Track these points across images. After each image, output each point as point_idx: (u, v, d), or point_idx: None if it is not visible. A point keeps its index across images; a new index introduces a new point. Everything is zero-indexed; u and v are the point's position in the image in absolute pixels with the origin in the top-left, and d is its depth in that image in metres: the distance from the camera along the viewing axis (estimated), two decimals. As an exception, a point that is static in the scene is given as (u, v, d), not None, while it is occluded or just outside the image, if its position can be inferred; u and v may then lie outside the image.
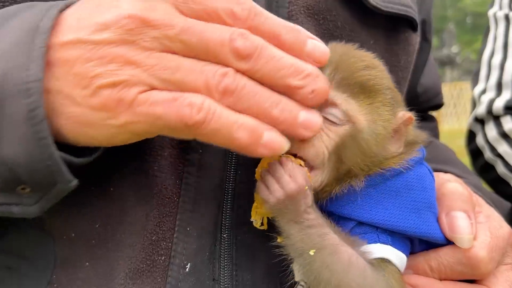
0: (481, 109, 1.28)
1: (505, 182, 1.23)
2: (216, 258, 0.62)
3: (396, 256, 0.60)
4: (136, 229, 0.60)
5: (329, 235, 0.57)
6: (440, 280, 0.65)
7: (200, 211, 0.62)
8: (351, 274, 0.56)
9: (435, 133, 1.09)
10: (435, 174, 0.72)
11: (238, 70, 0.48)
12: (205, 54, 0.48)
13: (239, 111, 0.49)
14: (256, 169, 0.60)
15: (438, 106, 1.09)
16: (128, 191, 0.60)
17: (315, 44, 0.52)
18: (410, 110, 0.85)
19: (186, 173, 0.62)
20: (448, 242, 0.64)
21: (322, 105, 0.56)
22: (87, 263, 0.60)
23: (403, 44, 0.82)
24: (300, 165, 0.58)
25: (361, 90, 0.59)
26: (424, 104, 1.04)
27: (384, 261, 0.59)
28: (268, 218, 0.61)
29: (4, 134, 0.49)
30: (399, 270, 0.60)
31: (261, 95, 0.49)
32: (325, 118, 0.58)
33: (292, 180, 0.56)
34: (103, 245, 0.60)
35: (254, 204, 0.60)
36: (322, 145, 0.58)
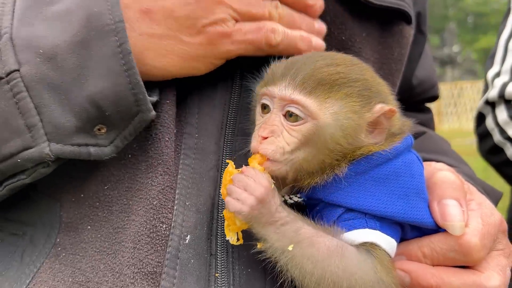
0: (493, 92, 1.26)
1: None
2: (213, 235, 0.64)
3: (385, 241, 0.61)
4: (141, 194, 0.62)
5: (303, 229, 0.59)
6: (433, 266, 0.65)
7: (197, 189, 0.65)
8: (332, 262, 0.58)
9: (430, 124, 1.09)
10: (427, 163, 0.72)
11: None
12: None
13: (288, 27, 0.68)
14: (221, 190, 0.62)
15: (434, 98, 1.09)
16: (142, 160, 0.64)
17: None
18: (405, 102, 0.85)
19: (184, 154, 0.66)
20: (439, 227, 0.65)
21: (284, 103, 0.60)
22: (89, 226, 0.63)
23: (397, 36, 0.83)
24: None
25: (322, 85, 0.60)
26: (419, 96, 1.04)
27: (372, 246, 0.60)
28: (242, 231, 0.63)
29: (90, 72, 0.57)
30: (388, 254, 0.61)
31: (296, 16, 0.70)
32: (288, 117, 0.61)
33: (258, 184, 0.58)
34: (106, 208, 0.63)
35: (226, 223, 0.62)
36: (283, 143, 0.60)
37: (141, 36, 0.61)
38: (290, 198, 0.65)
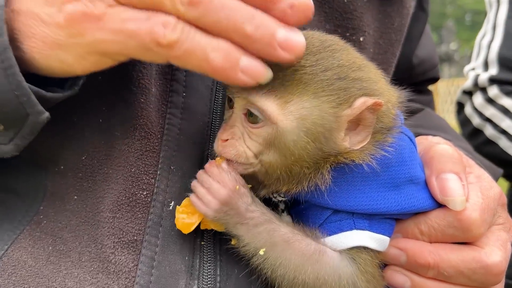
0: (468, 83, 1.41)
1: (493, 143, 1.33)
2: None
3: (375, 240, 0.58)
4: (120, 162, 0.59)
5: (278, 231, 0.56)
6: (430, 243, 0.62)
7: (184, 151, 0.61)
8: (304, 269, 0.55)
9: (430, 106, 1.08)
10: (424, 137, 0.69)
11: None
12: None
13: (208, 29, 0.45)
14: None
15: (435, 79, 1.07)
16: (115, 124, 0.60)
17: None
18: (405, 82, 0.82)
19: (170, 114, 0.62)
20: (439, 205, 0.62)
21: (244, 105, 0.54)
22: (75, 196, 0.60)
23: (396, 6, 0.81)
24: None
25: (285, 83, 0.51)
26: (420, 77, 1.02)
27: (358, 249, 0.57)
28: None
29: None
30: (375, 255, 0.58)
31: (231, 8, 0.44)
32: (249, 116, 0.55)
33: (222, 185, 0.55)
34: (90, 178, 0.60)
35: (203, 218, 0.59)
36: (244, 147, 0.55)
37: (13, 13, 0.49)
38: (275, 197, 0.62)
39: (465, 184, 0.61)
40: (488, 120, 1.35)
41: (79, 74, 0.52)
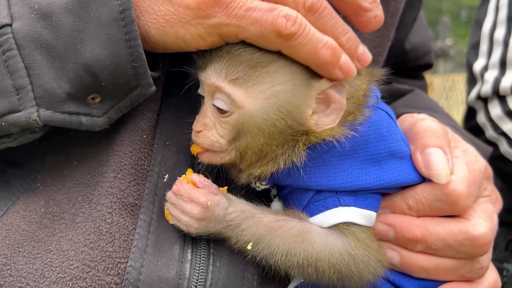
0: (486, 88, 1.22)
1: (507, 161, 1.19)
2: None
3: (361, 216, 0.58)
4: (129, 127, 0.61)
5: (260, 223, 0.57)
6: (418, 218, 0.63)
7: (180, 129, 0.63)
8: (294, 250, 0.56)
9: (424, 91, 1.08)
10: (409, 114, 0.69)
11: None
12: None
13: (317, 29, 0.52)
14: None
15: (428, 65, 1.08)
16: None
17: None
18: (398, 68, 0.82)
19: (167, 92, 0.64)
20: (424, 179, 0.63)
21: (212, 92, 0.56)
22: (75, 162, 0.61)
23: None
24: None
25: (248, 68, 0.54)
26: (413, 62, 1.03)
27: (346, 225, 0.58)
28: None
29: (88, 37, 0.52)
30: (366, 228, 0.59)
31: (336, 20, 0.54)
32: (216, 107, 0.56)
33: (194, 205, 0.56)
34: (95, 145, 0.61)
35: None
36: (216, 135, 0.57)
37: None
38: (258, 187, 0.62)
39: (449, 158, 0.62)
40: (504, 134, 1.20)
41: (191, 50, 0.56)
